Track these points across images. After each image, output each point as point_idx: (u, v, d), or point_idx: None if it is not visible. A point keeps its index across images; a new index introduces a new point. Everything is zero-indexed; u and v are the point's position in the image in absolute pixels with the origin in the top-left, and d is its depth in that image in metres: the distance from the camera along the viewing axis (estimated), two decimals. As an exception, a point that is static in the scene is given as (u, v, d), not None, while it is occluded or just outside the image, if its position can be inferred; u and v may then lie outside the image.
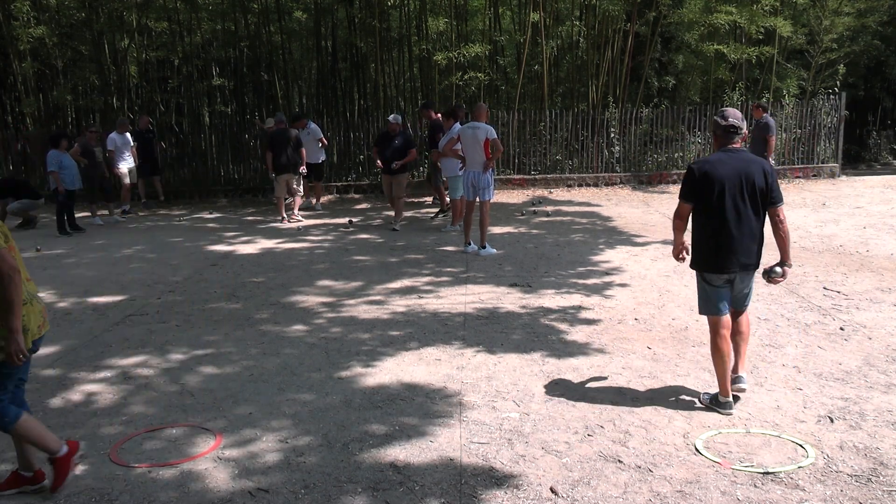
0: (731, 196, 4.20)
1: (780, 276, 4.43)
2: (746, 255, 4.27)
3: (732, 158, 4.24)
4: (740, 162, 4.23)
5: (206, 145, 15.78)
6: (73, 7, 16.10)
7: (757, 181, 4.20)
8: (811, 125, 15.23)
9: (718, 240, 4.25)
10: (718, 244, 4.25)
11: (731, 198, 4.20)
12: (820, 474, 3.53)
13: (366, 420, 4.24)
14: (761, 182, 4.20)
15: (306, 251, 9.35)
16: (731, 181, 4.20)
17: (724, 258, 4.25)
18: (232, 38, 16.53)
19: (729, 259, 4.24)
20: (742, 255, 4.25)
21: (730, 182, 4.20)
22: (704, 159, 4.36)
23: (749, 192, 4.21)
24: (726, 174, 4.20)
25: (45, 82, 16.43)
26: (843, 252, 8.39)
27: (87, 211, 12.18)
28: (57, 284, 7.88)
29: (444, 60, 14.22)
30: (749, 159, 4.28)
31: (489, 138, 8.54)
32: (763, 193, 4.22)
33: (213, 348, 5.61)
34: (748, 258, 4.28)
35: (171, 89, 17.34)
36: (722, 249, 4.25)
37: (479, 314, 6.29)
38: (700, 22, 15.01)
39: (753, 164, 4.25)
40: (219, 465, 3.76)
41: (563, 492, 3.41)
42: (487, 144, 8.55)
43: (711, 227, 4.26)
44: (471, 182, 8.78)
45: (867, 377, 4.71)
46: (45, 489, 3.53)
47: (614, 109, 14.89)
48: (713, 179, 4.21)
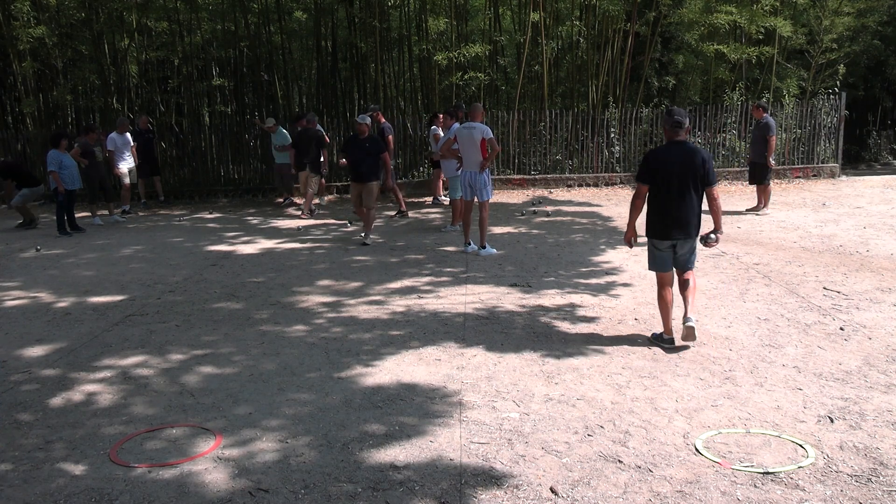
0: (677, 179, 5.22)
1: (714, 241, 5.43)
2: (686, 226, 5.30)
3: (679, 148, 5.26)
4: (684, 151, 5.25)
5: (206, 145, 15.79)
6: (73, 7, 16.09)
7: (697, 167, 5.19)
8: (811, 125, 15.23)
9: (664, 213, 5.29)
10: (664, 217, 5.30)
11: (677, 180, 5.22)
12: (820, 474, 3.53)
13: (366, 420, 4.24)
14: (700, 168, 5.20)
15: (306, 251, 9.35)
16: (677, 167, 5.21)
17: (668, 228, 5.31)
18: (232, 38, 16.52)
19: (672, 228, 5.30)
20: (682, 226, 5.29)
21: (676, 167, 5.21)
22: (657, 149, 5.49)
23: (691, 175, 5.20)
24: (674, 161, 5.22)
25: (45, 82, 16.43)
26: (843, 252, 8.39)
27: (87, 211, 12.19)
28: (57, 284, 7.89)
29: (445, 60, 14.23)
30: (692, 149, 5.29)
31: (485, 138, 8.57)
32: (701, 177, 5.21)
33: (213, 348, 5.61)
34: (688, 229, 5.31)
35: (171, 89, 17.34)
36: (667, 221, 5.30)
37: (480, 314, 6.29)
38: (700, 22, 15.00)
39: (695, 153, 5.25)
40: (218, 465, 3.76)
41: (563, 492, 3.41)
42: (484, 144, 8.58)
43: (659, 203, 5.30)
44: (468, 182, 8.81)
45: (867, 377, 4.71)
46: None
47: (614, 109, 14.89)
48: (663, 165, 5.24)
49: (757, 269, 7.67)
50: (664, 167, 5.23)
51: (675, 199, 5.24)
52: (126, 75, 16.68)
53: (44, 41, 15.61)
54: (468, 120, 9.00)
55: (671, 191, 5.23)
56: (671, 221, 5.29)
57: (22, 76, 15.92)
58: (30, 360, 5.49)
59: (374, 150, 9.58)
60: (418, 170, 15.22)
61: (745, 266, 7.79)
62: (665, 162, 5.24)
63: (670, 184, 5.22)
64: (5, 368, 5.34)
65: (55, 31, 15.83)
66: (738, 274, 7.46)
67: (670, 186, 5.22)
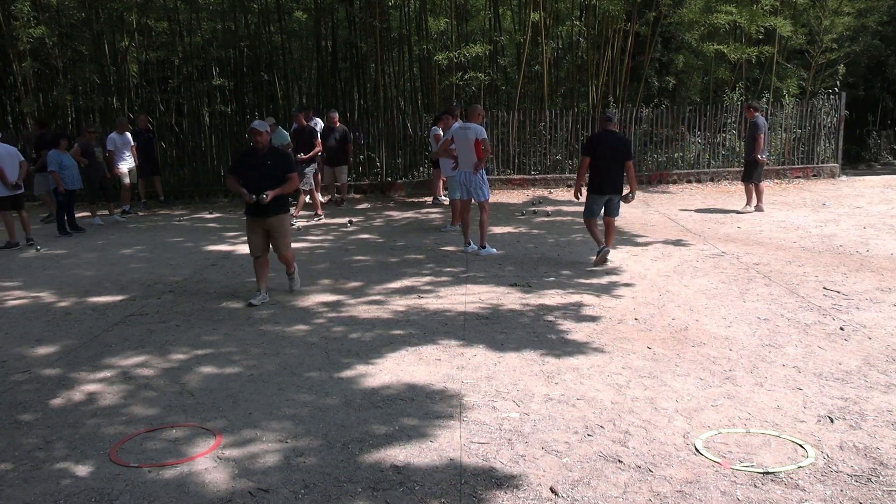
0: (606, 153, 7.86)
1: (631, 198, 8.11)
2: (613, 185, 7.95)
3: (608, 134, 8.01)
4: (611, 137, 8.01)
5: (206, 145, 15.78)
6: (73, 7, 16.10)
7: (619, 147, 7.91)
8: (811, 125, 15.22)
9: (599, 177, 7.94)
10: (599, 179, 7.94)
11: (606, 154, 7.86)
12: (820, 474, 3.53)
13: (366, 420, 4.24)
14: (622, 147, 7.93)
15: (306, 251, 9.35)
16: (606, 146, 7.90)
17: (601, 187, 7.94)
18: (232, 38, 16.52)
19: (604, 187, 7.93)
20: (611, 185, 7.93)
21: (606, 146, 7.89)
22: (595, 133, 8.45)
23: (614, 151, 7.86)
24: (604, 142, 7.92)
25: (45, 82, 16.43)
26: (843, 252, 8.39)
27: (87, 211, 12.19)
28: (57, 284, 7.89)
29: (445, 60, 14.23)
30: (617, 135, 8.12)
31: (479, 139, 8.61)
32: (623, 153, 7.88)
33: (213, 348, 5.61)
34: (614, 188, 7.95)
35: (171, 89, 17.34)
36: (601, 182, 7.94)
37: (480, 314, 6.29)
38: (700, 22, 15.01)
39: (619, 137, 8.14)
40: (219, 465, 3.76)
41: (563, 492, 3.41)
42: (478, 145, 8.62)
43: (595, 169, 7.94)
44: (462, 182, 8.89)
45: (867, 377, 4.71)
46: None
47: (614, 109, 14.88)
48: (598, 144, 7.94)
49: (757, 269, 7.67)
50: (600, 146, 7.90)
51: (605, 167, 7.87)
52: (126, 75, 16.68)
53: (44, 41, 15.61)
54: (466, 120, 9.04)
55: (603, 161, 7.86)
56: (603, 182, 7.91)
57: (22, 76, 15.92)
58: (30, 360, 5.49)
59: (277, 170, 6.70)
60: (418, 170, 15.22)
61: (745, 266, 7.79)
62: (600, 142, 7.93)
63: (604, 156, 7.86)
64: (5, 368, 5.34)
65: (55, 31, 15.83)
66: (738, 274, 7.46)
67: (604, 158, 7.86)
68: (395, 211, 12.85)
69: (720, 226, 10.30)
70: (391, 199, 14.39)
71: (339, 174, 13.27)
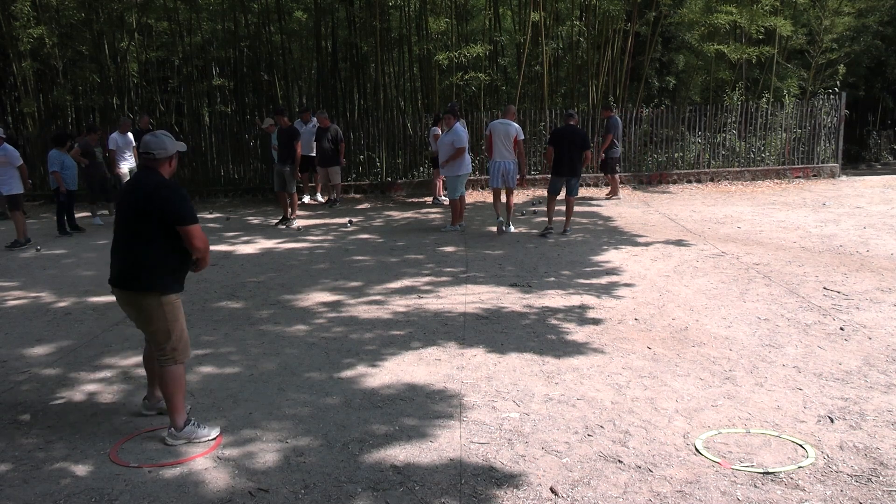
0: (567, 146, 9.47)
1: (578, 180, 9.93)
2: (572, 169, 9.52)
3: (570, 127, 9.63)
4: (573, 130, 9.60)
5: (206, 145, 15.79)
6: (73, 7, 16.10)
7: (577, 138, 9.54)
8: (811, 125, 15.23)
9: (560, 163, 9.49)
10: (560, 164, 9.51)
11: (567, 146, 9.47)
12: (820, 474, 3.53)
13: (366, 420, 4.24)
14: (580, 139, 9.56)
15: (306, 251, 9.35)
16: (567, 138, 9.48)
17: (561, 170, 9.54)
18: (232, 38, 16.53)
19: (563, 170, 9.53)
20: (569, 169, 9.51)
21: (566, 139, 9.48)
22: (558, 128, 10.14)
23: (571, 142, 9.49)
24: (567, 135, 9.52)
25: (45, 82, 16.43)
26: (843, 252, 8.39)
27: (87, 211, 12.18)
28: (57, 284, 7.89)
29: (445, 60, 14.23)
30: (576, 129, 9.70)
31: (518, 138, 9.90)
32: (580, 144, 9.54)
33: (213, 348, 5.61)
34: (572, 171, 9.54)
35: (172, 89, 17.34)
36: (561, 167, 9.51)
37: (480, 314, 6.29)
38: (700, 22, 15.00)
39: (578, 131, 9.68)
40: (219, 465, 3.76)
41: (563, 492, 3.41)
42: (517, 141, 9.89)
43: (557, 156, 9.48)
44: (501, 172, 9.95)
45: (867, 377, 4.71)
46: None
47: (615, 109, 14.88)
48: (561, 137, 9.54)
49: (757, 269, 7.67)
50: (562, 137, 9.52)
51: (567, 155, 9.44)
52: (126, 75, 16.69)
53: (44, 41, 15.62)
54: (503, 118, 10.18)
55: (565, 151, 9.43)
56: (563, 167, 9.49)
57: (22, 76, 15.92)
58: (30, 360, 5.49)
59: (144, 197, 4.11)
60: (418, 170, 15.22)
61: (745, 266, 7.79)
62: (563, 134, 9.57)
63: (563, 148, 9.45)
64: (5, 368, 5.34)
65: (55, 31, 15.83)
66: (738, 274, 7.46)
67: (568, 148, 9.44)
68: (395, 211, 12.85)
69: (720, 226, 10.30)
70: (391, 199, 14.39)
71: (333, 175, 13.30)
